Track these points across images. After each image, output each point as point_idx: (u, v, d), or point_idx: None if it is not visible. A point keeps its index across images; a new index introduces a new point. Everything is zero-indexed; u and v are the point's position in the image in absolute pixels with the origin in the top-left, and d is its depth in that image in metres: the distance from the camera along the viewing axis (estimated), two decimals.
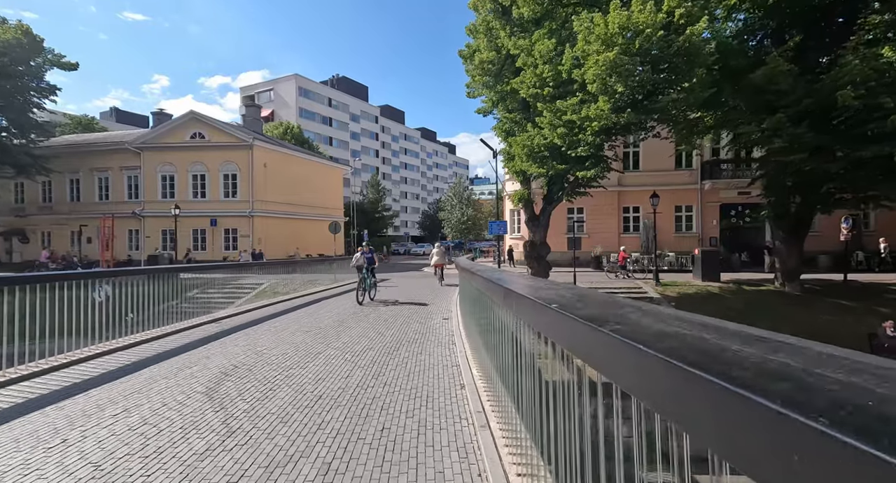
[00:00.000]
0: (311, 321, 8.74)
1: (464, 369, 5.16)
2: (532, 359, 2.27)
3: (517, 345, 2.58)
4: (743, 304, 14.36)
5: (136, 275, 9.34)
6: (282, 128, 46.71)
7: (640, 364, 0.83)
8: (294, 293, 16.11)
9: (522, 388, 2.53)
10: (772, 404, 0.51)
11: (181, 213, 28.48)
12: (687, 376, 0.67)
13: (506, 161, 17.51)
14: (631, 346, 0.85)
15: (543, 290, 2.31)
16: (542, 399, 2.03)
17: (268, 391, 4.49)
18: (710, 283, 16.52)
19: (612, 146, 13.87)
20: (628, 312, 1.23)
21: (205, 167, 28.84)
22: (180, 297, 10.75)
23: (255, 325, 8.46)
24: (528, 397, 2.40)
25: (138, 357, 6.02)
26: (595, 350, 1.11)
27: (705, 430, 0.65)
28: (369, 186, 52.27)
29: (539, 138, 14.10)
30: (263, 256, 26.93)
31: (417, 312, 9.73)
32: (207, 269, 16.35)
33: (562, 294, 1.96)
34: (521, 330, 2.47)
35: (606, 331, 0.99)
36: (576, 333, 1.25)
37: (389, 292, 14.84)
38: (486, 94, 17.19)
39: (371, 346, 6.57)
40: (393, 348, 6.39)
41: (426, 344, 6.67)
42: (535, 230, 17.24)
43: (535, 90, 13.29)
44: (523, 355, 2.48)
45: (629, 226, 26.28)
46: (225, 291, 17.86)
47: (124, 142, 28.70)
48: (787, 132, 10.15)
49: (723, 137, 17.98)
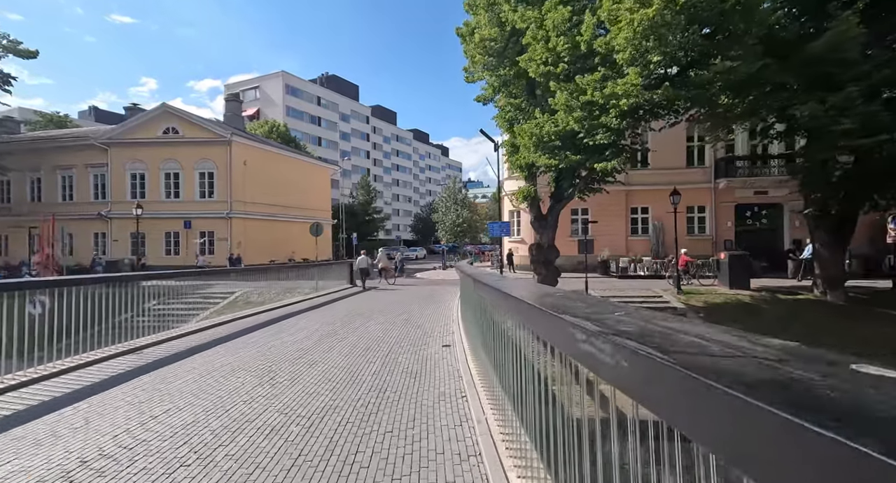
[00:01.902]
0: (268, 349, 6.65)
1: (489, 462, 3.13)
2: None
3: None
4: (784, 317, 12.52)
5: (87, 284, 7.68)
6: (267, 126, 44.50)
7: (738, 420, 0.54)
8: (269, 304, 14.06)
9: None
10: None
11: (152, 214, 26.24)
12: (786, 426, 0.46)
13: (509, 154, 15.58)
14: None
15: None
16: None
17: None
18: (739, 292, 14.69)
19: (635, 133, 11.99)
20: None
21: (178, 165, 26.59)
22: (135, 310, 8.86)
23: (182, 361, 6.13)
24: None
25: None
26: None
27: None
28: (359, 188, 50.09)
29: (549, 125, 12.19)
30: (242, 262, 24.72)
31: (409, 334, 7.68)
32: (170, 276, 14.05)
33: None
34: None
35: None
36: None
37: (376, 302, 12.77)
38: (486, 79, 15.30)
39: (334, 405, 4.16)
40: (371, 412, 3.96)
41: (422, 396, 4.47)
42: (543, 231, 15.31)
43: (546, 68, 11.40)
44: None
45: (637, 228, 24.48)
46: (189, 302, 15.60)
47: (89, 137, 26.37)
48: (858, 111, 8.37)
49: (746, 128, 16.13)
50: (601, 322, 1.11)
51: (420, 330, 7.99)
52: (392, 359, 5.80)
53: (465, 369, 5.15)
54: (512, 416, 2.92)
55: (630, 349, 0.82)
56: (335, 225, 39.57)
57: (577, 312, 1.32)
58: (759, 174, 22.20)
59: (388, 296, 15.12)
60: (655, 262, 21.82)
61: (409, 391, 4.53)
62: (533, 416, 2.26)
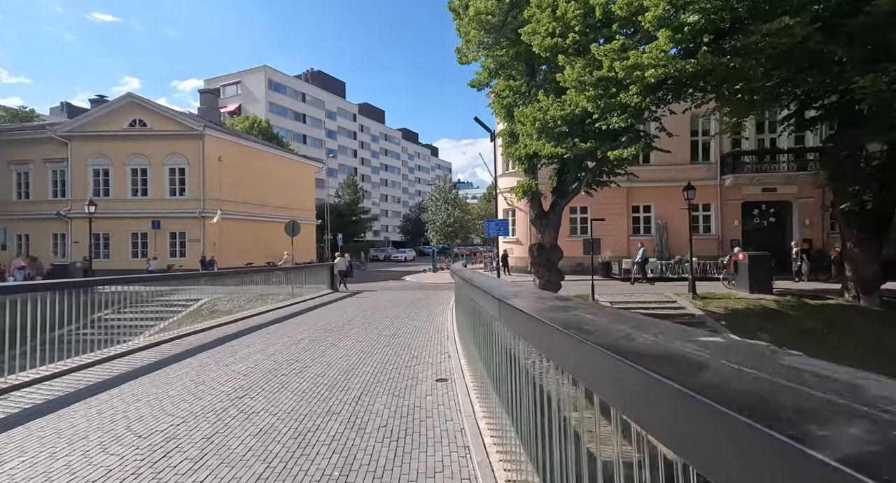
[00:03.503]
0: (196, 387, 4.92)
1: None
2: None
3: None
4: (818, 326, 11.15)
5: (18, 292, 6.39)
6: (248, 122, 42.42)
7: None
8: (236, 313, 12.39)
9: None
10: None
11: (116, 213, 24.17)
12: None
13: (506, 145, 14.03)
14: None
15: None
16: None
17: None
18: (761, 296, 13.30)
19: (655, 115, 10.48)
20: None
21: (146, 160, 24.54)
22: (82, 321, 7.25)
23: (66, 408, 4.37)
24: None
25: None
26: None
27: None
28: (345, 187, 48.13)
29: (555, 109, 10.66)
30: (215, 264, 22.78)
31: (392, 361, 6.01)
32: (126, 281, 12.14)
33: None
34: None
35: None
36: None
37: (356, 312, 11.03)
38: (481, 61, 13.74)
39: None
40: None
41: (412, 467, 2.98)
42: (544, 230, 13.77)
43: (553, 41, 9.86)
44: None
45: (639, 227, 23.12)
46: (145, 312, 13.71)
47: (47, 129, 24.17)
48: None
49: (767, 116, 14.76)
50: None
51: (407, 352, 6.34)
52: (365, 408, 4.12)
53: (472, 427, 3.51)
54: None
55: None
56: (320, 226, 37.65)
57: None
58: (767, 170, 20.98)
59: (371, 303, 13.42)
60: (661, 264, 20.45)
61: (386, 478, 2.88)
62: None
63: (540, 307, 1.82)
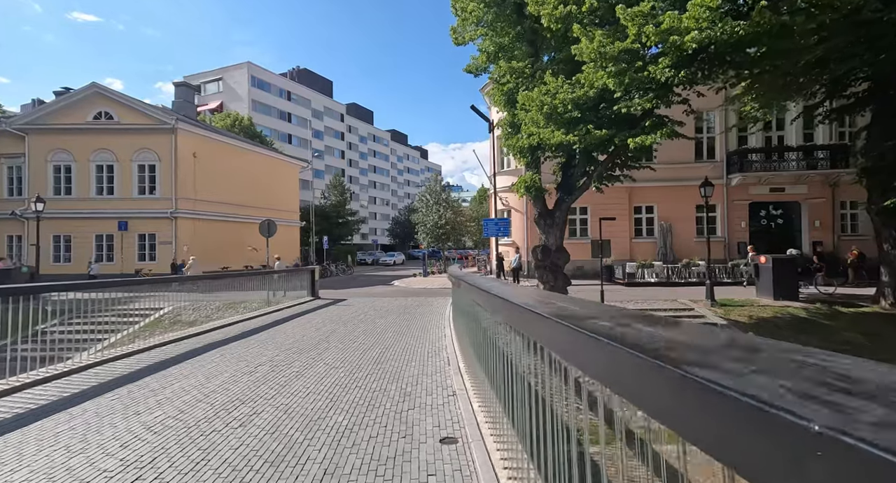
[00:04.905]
0: (74, 459, 3.37)
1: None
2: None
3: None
4: (860, 338, 9.91)
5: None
6: (230, 119, 40.52)
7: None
8: (201, 325, 10.83)
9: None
10: None
11: (79, 213, 22.23)
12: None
13: (506, 137, 12.65)
14: None
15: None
16: None
17: None
18: (787, 303, 12.09)
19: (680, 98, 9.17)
20: None
21: (113, 156, 22.65)
22: (19, 333, 5.88)
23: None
24: None
25: None
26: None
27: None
28: (331, 188, 46.33)
29: (566, 91, 9.31)
30: (187, 269, 20.93)
31: (377, 399, 4.50)
32: (77, 287, 10.33)
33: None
34: None
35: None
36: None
37: (336, 324, 9.46)
38: (479, 42, 12.38)
39: None
40: None
41: None
42: (549, 231, 12.41)
43: (566, 9, 8.51)
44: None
45: (642, 229, 21.94)
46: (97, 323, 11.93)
47: (1, 121, 22.13)
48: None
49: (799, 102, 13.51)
50: None
51: (396, 386, 4.83)
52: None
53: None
54: None
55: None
56: (305, 228, 35.86)
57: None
58: (776, 169, 19.97)
59: (355, 313, 11.86)
60: (666, 268, 19.26)
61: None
62: None
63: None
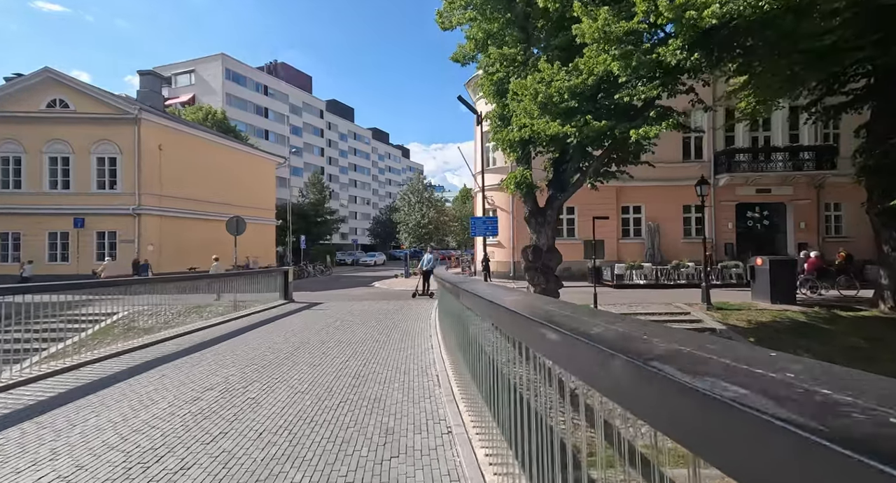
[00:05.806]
0: None
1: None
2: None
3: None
4: (862, 343, 9.49)
5: None
6: (201, 113, 38.67)
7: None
8: (156, 333, 9.72)
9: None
10: None
11: (31, 209, 20.48)
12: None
13: (495, 130, 11.84)
14: None
15: None
16: None
17: None
18: (785, 307, 11.66)
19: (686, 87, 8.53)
20: None
21: (69, 147, 20.95)
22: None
23: None
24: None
25: None
26: None
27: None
28: (310, 185, 44.83)
29: (561, 79, 8.56)
30: (150, 269, 19.45)
31: (347, 449, 3.56)
32: (14, 291, 9.00)
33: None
34: None
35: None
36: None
37: (308, 333, 8.45)
38: (467, 28, 11.55)
39: None
40: None
41: None
42: (541, 230, 11.68)
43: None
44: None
45: (629, 229, 21.54)
46: (36, 331, 10.56)
47: None
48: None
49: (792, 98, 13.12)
50: None
51: (376, 420, 3.88)
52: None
53: None
54: None
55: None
56: (281, 227, 34.39)
57: None
58: (763, 169, 19.83)
59: (331, 318, 10.86)
60: (655, 269, 18.83)
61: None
62: None
63: None
